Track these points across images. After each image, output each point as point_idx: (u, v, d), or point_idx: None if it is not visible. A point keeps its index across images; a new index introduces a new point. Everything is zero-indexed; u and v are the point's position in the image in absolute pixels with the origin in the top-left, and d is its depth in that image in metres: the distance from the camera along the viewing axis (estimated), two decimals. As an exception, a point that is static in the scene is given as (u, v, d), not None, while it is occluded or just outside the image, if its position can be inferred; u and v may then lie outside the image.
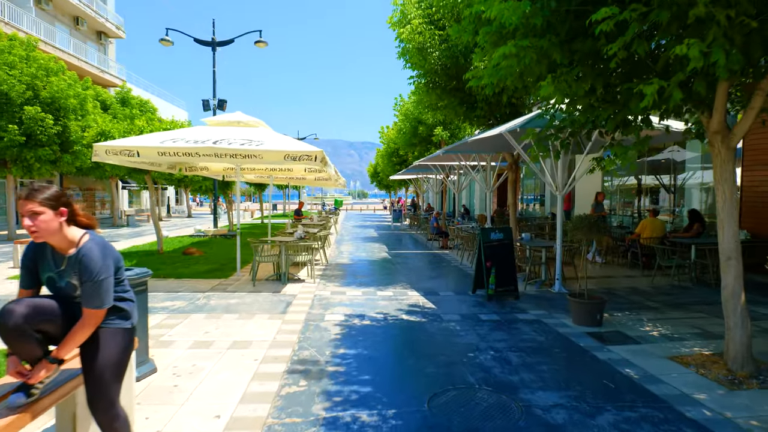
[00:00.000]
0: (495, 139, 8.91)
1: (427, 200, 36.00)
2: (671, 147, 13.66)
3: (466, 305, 6.98)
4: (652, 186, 14.16)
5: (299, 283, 8.58)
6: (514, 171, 9.94)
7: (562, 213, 8.08)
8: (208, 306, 6.71)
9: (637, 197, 14.62)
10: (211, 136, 7.85)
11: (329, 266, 10.71)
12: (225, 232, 15.92)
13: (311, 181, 15.60)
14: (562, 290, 7.91)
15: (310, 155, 7.36)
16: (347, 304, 6.95)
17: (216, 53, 16.22)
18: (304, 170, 11.21)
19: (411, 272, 10.01)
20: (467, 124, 16.95)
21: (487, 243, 7.46)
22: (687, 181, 12.36)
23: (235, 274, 9.30)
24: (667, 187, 13.37)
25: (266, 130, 8.65)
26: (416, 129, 16.66)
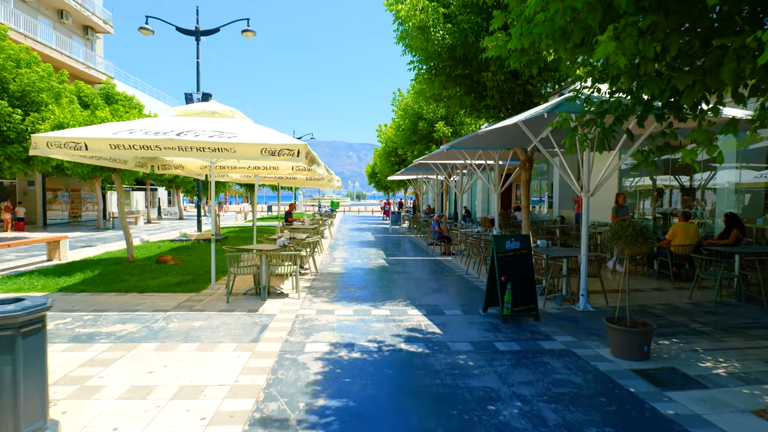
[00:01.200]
0: (508, 131, 7.76)
1: (427, 202, 34.83)
2: (690, 146, 12.55)
3: (477, 329, 5.81)
4: (670, 187, 13.04)
5: (282, 298, 7.40)
6: (527, 169, 8.79)
7: (587, 217, 6.91)
8: (164, 331, 5.52)
9: (654, 199, 13.48)
10: (176, 127, 6.68)
11: (319, 276, 9.53)
12: (209, 237, 14.72)
13: (303, 182, 14.43)
14: (588, 308, 6.75)
15: (291, 149, 6.20)
16: (334, 328, 5.76)
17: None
18: (292, 168, 10.04)
19: (411, 284, 8.84)
20: (472, 118, 15.80)
21: (501, 253, 6.29)
22: (709, 181, 11.25)
23: (208, 287, 8.11)
24: (686, 189, 12.24)
25: (243, 121, 7.49)
26: (416, 125, 15.50)
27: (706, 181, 11.61)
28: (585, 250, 6.82)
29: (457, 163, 14.18)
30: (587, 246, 6.86)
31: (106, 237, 18.62)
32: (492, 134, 7.80)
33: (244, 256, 7.83)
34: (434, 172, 17.87)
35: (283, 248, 7.88)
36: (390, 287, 8.55)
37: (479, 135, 7.70)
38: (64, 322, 5.83)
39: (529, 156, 8.78)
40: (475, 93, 8.31)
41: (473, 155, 11.70)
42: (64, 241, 11.54)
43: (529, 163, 8.78)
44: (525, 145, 8.70)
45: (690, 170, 12.33)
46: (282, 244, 7.88)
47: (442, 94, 9.02)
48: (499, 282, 6.18)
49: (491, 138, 8.38)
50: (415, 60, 8.47)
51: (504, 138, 8.46)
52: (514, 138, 8.41)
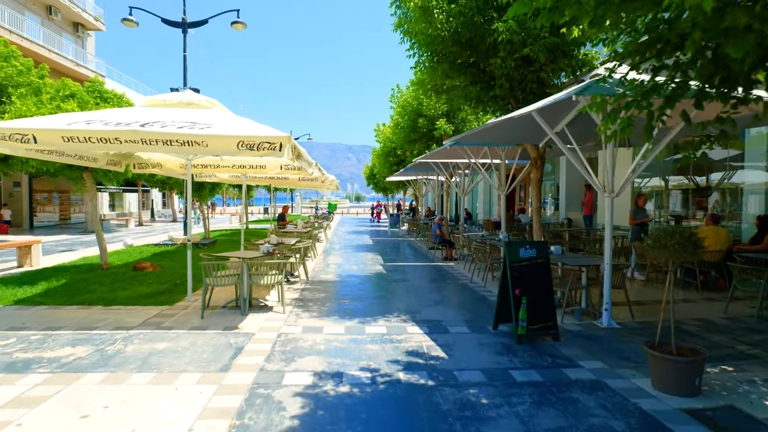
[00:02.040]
0: (518, 125, 6.94)
1: (426, 204, 33.99)
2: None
3: (488, 351, 4.97)
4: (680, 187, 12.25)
5: (265, 312, 6.56)
6: (539, 168, 7.95)
7: (611, 221, 6.08)
8: (119, 357, 4.67)
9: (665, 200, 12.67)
10: (141, 117, 5.84)
11: (310, 285, 8.68)
12: (196, 240, 13.90)
13: (296, 182, 13.58)
14: (612, 324, 5.91)
15: (272, 143, 5.36)
16: (321, 352, 4.92)
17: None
18: (281, 167, 9.20)
19: (410, 293, 7.99)
20: (477, 114, 14.97)
21: (514, 263, 5.45)
22: (724, 181, 10.47)
23: (184, 299, 7.26)
24: (700, 189, 11.43)
25: (222, 112, 6.65)
26: (416, 123, 14.68)
27: (721, 180, 10.83)
28: (609, 258, 5.98)
29: (459, 163, 13.35)
30: (611, 253, 6.02)
31: (92, 240, 17.74)
32: (501, 128, 6.98)
33: (226, 263, 6.99)
34: (435, 173, 17.06)
35: (268, 255, 7.03)
36: (387, 298, 7.70)
37: (486, 129, 6.88)
38: (3, 345, 4.98)
39: (540, 153, 7.95)
40: (482, 83, 7.49)
41: (477, 153, 10.89)
42: (36, 246, 10.69)
43: (540, 161, 7.95)
44: (536, 141, 7.88)
45: (704, 169, 11.54)
46: (266, 250, 7.03)
47: (445, 84, 8.19)
48: (513, 296, 5.34)
49: (499, 132, 7.56)
50: (415, 47, 7.64)
51: (513, 133, 7.64)
52: (525, 132, 7.59)
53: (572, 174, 16.40)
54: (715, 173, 11.16)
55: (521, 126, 7.12)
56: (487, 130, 7.00)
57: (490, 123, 5.73)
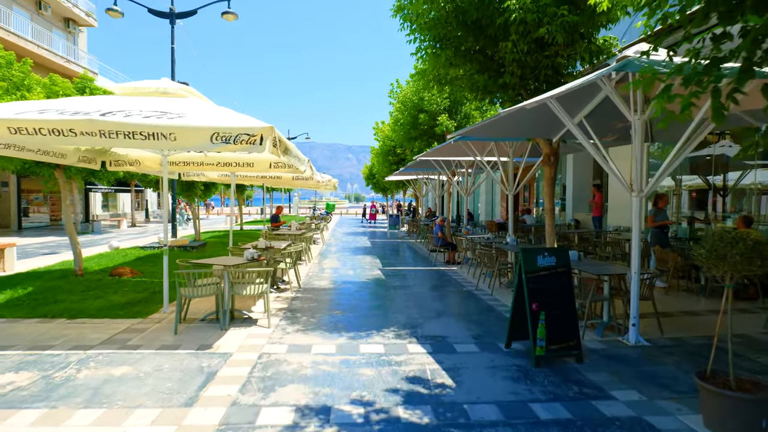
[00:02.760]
0: (531, 117, 6.23)
1: (426, 204, 33.25)
2: (723, 141, 11.05)
3: (502, 377, 4.25)
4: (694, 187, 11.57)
5: (248, 326, 5.84)
6: (552, 165, 7.23)
7: (638, 225, 5.35)
8: (67, 385, 3.94)
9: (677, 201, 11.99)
10: (104, 106, 5.12)
11: (301, 293, 7.96)
12: (185, 243, 13.17)
13: (290, 182, 12.87)
14: (640, 341, 5.20)
15: (251, 134, 4.64)
16: (308, 378, 4.20)
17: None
18: (270, 165, 8.47)
19: (411, 302, 7.28)
20: (483, 107, 14.24)
21: (531, 273, 4.73)
22: (740, 181, 9.84)
23: (160, 310, 6.54)
24: (716, 189, 10.74)
25: (198, 102, 5.93)
26: (416, 119, 13.95)
27: (739, 179, 10.15)
28: (637, 266, 5.26)
29: (463, 161, 12.64)
30: (639, 261, 5.30)
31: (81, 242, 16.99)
32: (511, 119, 6.27)
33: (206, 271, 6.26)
34: (436, 172, 16.35)
35: (252, 262, 6.31)
36: (386, 308, 6.98)
37: (495, 121, 6.16)
38: (-66, 370, 4.26)
39: (554, 149, 7.23)
40: (490, 71, 6.76)
41: (482, 150, 10.17)
42: (10, 249, 9.98)
43: (554, 158, 7.22)
44: (550, 135, 7.16)
45: (720, 168, 10.85)
46: (250, 256, 6.31)
47: (449, 74, 7.47)
48: (530, 311, 4.62)
49: (509, 125, 6.84)
50: (416, 32, 6.92)
51: (524, 126, 6.93)
52: (537, 125, 6.87)
53: (580, 173, 15.69)
54: (732, 172, 10.49)
55: (534, 118, 6.41)
56: (496, 122, 6.28)
57: (502, 113, 5.02)
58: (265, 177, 11.91)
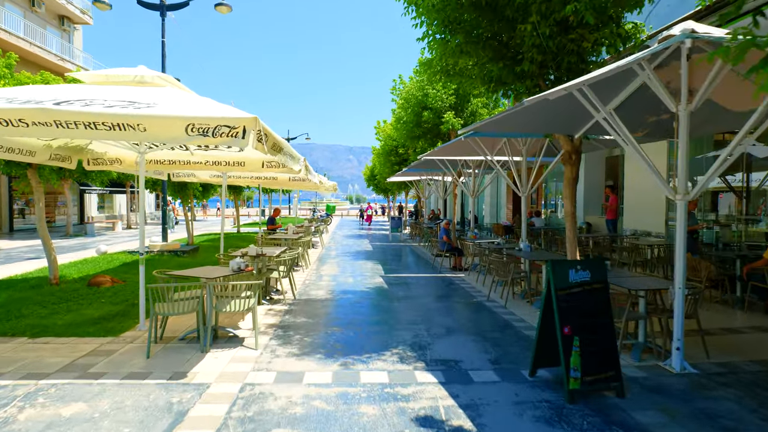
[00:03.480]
0: (552, 109, 5.52)
1: (429, 206, 32.51)
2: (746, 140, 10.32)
3: (531, 418, 3.52)
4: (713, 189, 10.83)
5: (232, 347, 5.12)
6: (573, 164, 6.51)
7: (684, 230, 4.63)
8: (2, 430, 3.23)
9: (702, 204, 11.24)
10: (61, 95, 4.41)
11: (296, 305, 7.24)
12: (176, 248, 12.45)
13: (287, 182, 12.15)
14: (686, 368, 4.47)
15: (232, 126, 3.93)
16: (296, 420, 3.47)
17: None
18: (262, 165, 7.76)
19: (417, 317, 6.55)
20: (491, 104, 13.52)
21: (562, 290, 4.01)
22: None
23: (136, 326, 5.83)
24: (738, 191, 10.01)
25: (176, 91, 5.22)
26: (420, 116, 13.23)
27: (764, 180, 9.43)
28: (681, 280, 4.53)
29: (469, 160, 11.91)
30: (684, 274, 4.57)
31: (68, 246, 16.32)
32: (528, 113, 5.55)
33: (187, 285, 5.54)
34: (441, 172, 15.62)
35: (240, 272, 5.59)
36: (389, 324, 6.25)
37: (512, 114, 5.43)
38: None
39: (576, 146, 6.51)
40: (506, 59, 6.05)
41: (492, 149, 9.45)
42: (-15, 256, 9.26)
43: (576, 156, 6.50)
44: (572, 131, 6.43)
45: (743, 168, 10.12)
46: (237, 267, 5.59)
47: (458, 64, 6.75)
48: (561, 335, 3.90)
49: (525, 120, 6.13)
50: (423, 15, 6.20)
51: (543, 120, 6.21)
52: (558, 119, 6.15)
53: (591, 173, 14.96)
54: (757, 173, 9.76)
55: (554, 110, 5.70)
56: (513, 115, 5.56)
57: (526, 102, 4.30)
58: (260, 178, 11.21)
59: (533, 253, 8.13)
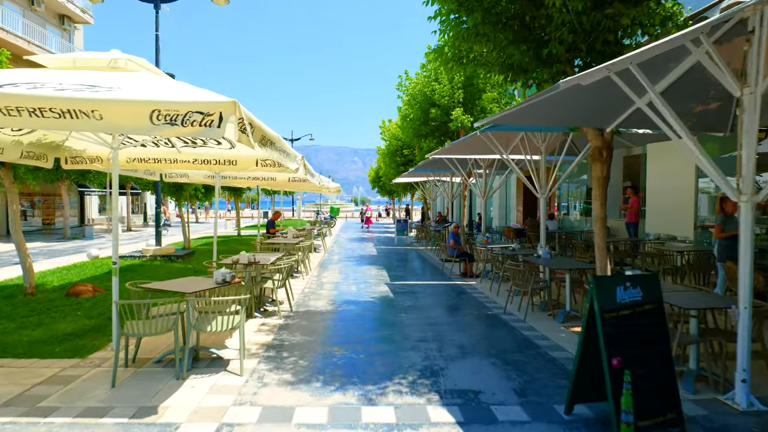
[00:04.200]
0: (583, 98, 4.78)
1: (435, 208, 31.75)
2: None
3: (577, 478, 2.78)
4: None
5: (214, 371, 4.42)
6: (604, 162, 5.77)
7: (750, 237, 3.87)
8: None
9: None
10: (6, 79, 3.72)
11: (292, 319, 6.54)
12: (171, 252, 11.80)
13: (286, 183, 11.45)
14: (754, 404, 3.71)
15: (205, 112, 3.24)
16: (280, 479, 2.76)
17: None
18: (256, 164, 7.07)
19: (428, 332, 5.83)
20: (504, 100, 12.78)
21: (609, 312, 3.27)
22: None
23: (108, 346, 5.14)
24: None
25: (148, 76, 4.53)
26: (427, 114, 12.52)
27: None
28: (747, 298, 3.78)
29: (481, 159, 11.18)
30: (750, 291, 3.81)
31: (62, 249, 15.74)
32: (555, 102, 4.82)
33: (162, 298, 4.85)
34: (449, 172, 14.90)
35: (224, 284, 4.89)
36: (396, 342, 5.53)
37: (537, 103, 4.70)
38: None
39: (607, 141, 5.77)
40: (528, 41, 5.33)
41: (507, 146, 8.71)
42: (-38, 262, 8.63)
43: (607, 152, 5.76)
44: (603, 123, 5.68)
45: None
46: (221, 278, 4.88)
47: (473, 50, 6.03)
48: (608, 368, 3.16)
49: (551, 110, 5.38)
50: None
51: (571, 110, 5.47)
52: (588, 109, 5.41)
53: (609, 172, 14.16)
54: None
55: (585, 99, 4.98)
56: (539, 104, 4.82)
57: (563, 84, 3.58)
58: (258, 178, 10.54)
59: (553, 261, 7.38)
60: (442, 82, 12.12)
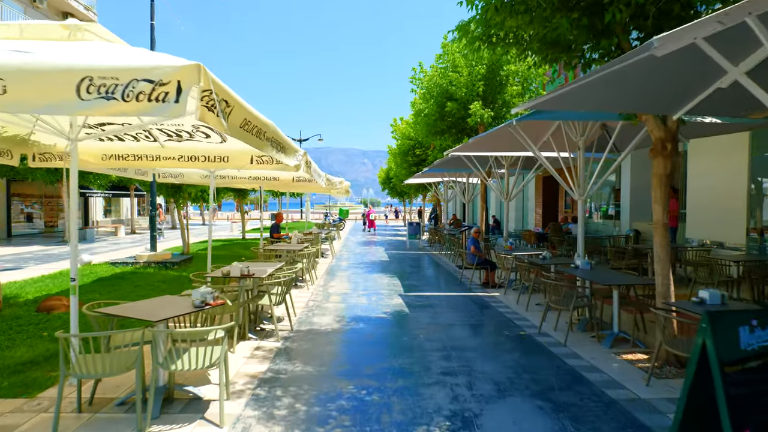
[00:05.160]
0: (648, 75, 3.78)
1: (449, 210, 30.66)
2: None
3: None
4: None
5: (186, 422, 3.48)
6: (668, 156, 4.74)
7: None
8: None
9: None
10: None
11: (292, 341, 5.59)
12: (166, 258, 10.94)
13: (290, 184, 10.53)
14: None
15: (157, 81, 2.30)
16: None
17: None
18: (251, 161, 6.15)
19: (453, 362, 4.85)
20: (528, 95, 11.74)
21: (733, 365, 2.26)
22: None
23: (66, 381, 4.22)
24: None
25: (100, 44, 3.61)
26: (443, 108, 11.52)
27: None
28: None
29: (504, 157, 10.17)
30: None
31: (57, 254, 14.99)
32: (610, 84, 3.81)
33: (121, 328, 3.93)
34: (466, 172, 13.89)
35: (200, 309, 3.95)
36: (415, 376, 4.55)
37: (597, 80, 3.69)
38: None
39: (671, 131, 4.74)
40: (579, 9, 4.34)
41: (537, 140, 7.70)
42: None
43: (672, 145, 4.73)
44: (668, 109, 4.64)
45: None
46: (200, 301, 3.94)
47: (505, 25, 5.05)
48: (735, 447, 2.15)
49: (605, 92, 4.36)
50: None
51: (628, 92, 4.44)
52: (652, 89, 4.38)
53: (638, 173, 13.06)
54: None
55: (651, 76, 3.96)
56: (597, 82, 3.81)
57: (656, 41, 2.60)
58: (260, 178, 9.63)
59: (595, 273, 6.34)
60: (461, 73, 11.12)
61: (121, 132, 4.94)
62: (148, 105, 2.34)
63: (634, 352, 5.22)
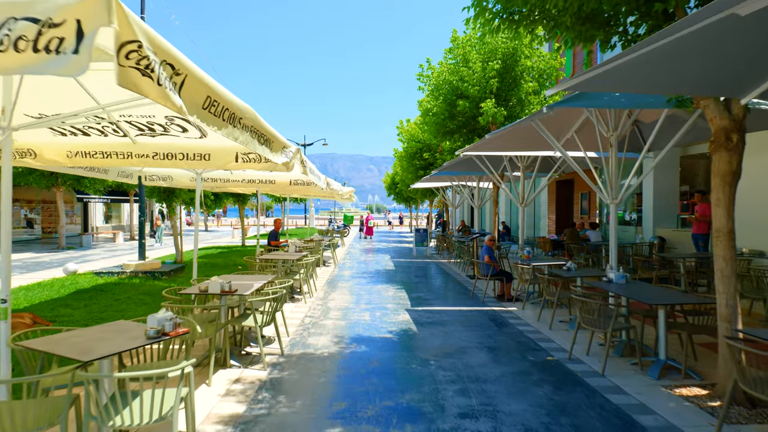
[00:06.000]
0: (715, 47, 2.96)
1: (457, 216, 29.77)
2: None
3: None
4: None
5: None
6: (733, 149, 3.91)
7: None
8: None
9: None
10: None
11: (281, 371, 4.78)
12: (156, 267, 10.17)
13: (287, 187, 9.75)
14: None
15: (46, 23, 1.50)
16: None
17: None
18: (236, 159, 5.38)
19: (471, 400, 4.01)
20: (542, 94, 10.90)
21: None
22: None
23: None
24: None
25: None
26: (454, 107, 10.72)
27: None
28: None
29: (519, 158, 9.34)
30: None
31: (48, 261, 14.30)
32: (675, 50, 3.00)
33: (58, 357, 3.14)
34: (477, 175, 13.07)
35: (154, 340, 3.14)
36: (427, 420, 3.70)
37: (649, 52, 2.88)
38: None
39: (738, 120, 3.90)
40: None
41: (558, 138, 6.87)
42: None
43: (738, 136, 3.90)
44: (734, 92, 3.81)
45: None
46: (154, 332, 3.13)
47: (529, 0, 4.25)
48: None
49: (659, 64, 3.53)
50: None
51: (685, 70, 3.62)
52: (719, 66, 3.56)
53: (662, 177, 12.19)
54: None
55: (715, 51, 3.16)
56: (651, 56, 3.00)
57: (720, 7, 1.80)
58: (254, 181, 8.86)
59: (634, 288, 5.47)
60: (473, 68, 10.31)
61: (70, 120, 4.17)
62: (34, 57, 1.56)
63: (688, 386, 4.36)
